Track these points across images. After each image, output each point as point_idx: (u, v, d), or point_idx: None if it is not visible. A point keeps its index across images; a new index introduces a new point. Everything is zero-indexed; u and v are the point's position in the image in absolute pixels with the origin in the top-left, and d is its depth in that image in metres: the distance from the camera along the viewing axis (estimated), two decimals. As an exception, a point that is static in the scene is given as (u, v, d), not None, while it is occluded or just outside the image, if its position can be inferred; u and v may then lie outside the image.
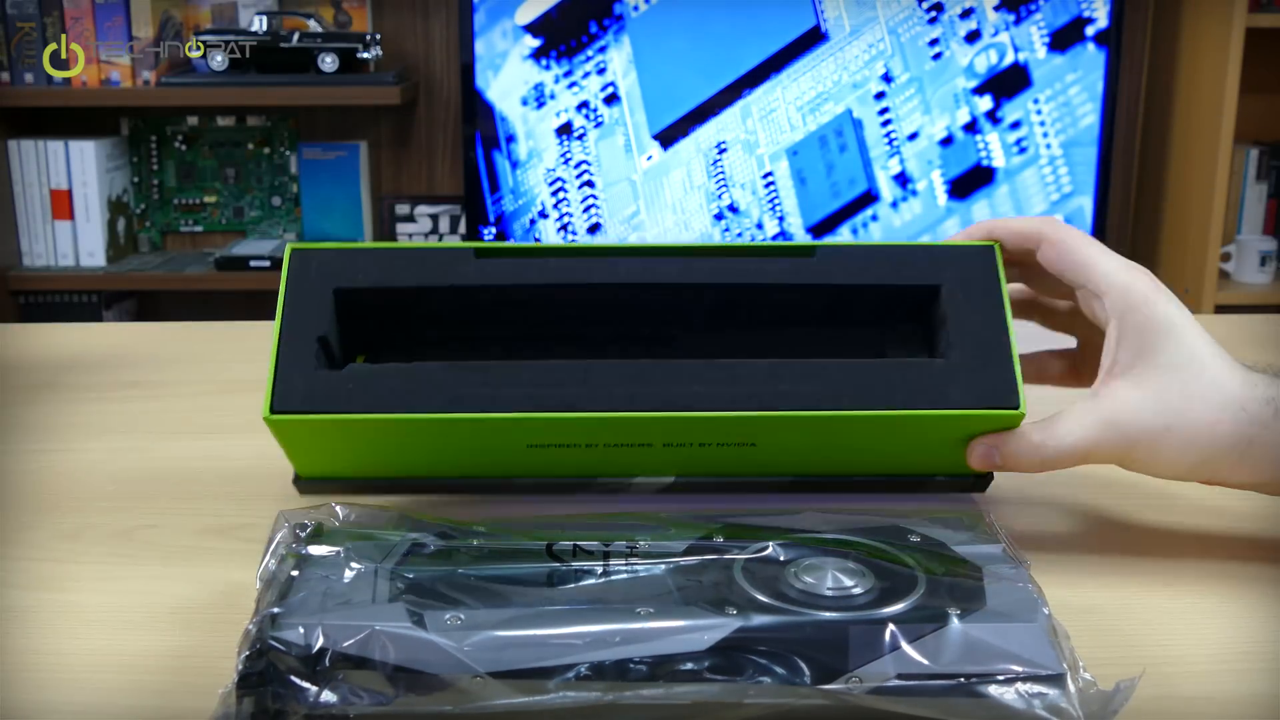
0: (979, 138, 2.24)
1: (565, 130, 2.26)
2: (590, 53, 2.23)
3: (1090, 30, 2.21)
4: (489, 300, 0.54)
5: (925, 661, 0.38)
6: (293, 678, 0.37)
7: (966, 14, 2.21)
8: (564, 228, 2.27)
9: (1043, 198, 2.25)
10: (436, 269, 0.53)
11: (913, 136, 2.24)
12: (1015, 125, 2.24)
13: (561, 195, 2.27)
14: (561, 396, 0.50)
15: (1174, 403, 0.50)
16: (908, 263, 0.54)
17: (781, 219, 2.26)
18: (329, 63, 2.24)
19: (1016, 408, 0.51)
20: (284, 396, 0.50)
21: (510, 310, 0.55)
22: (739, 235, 2.25)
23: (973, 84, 2.23)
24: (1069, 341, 0.60)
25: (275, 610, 0.39)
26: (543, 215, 2.28)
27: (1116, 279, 0.51)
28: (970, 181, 2.25)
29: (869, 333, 0.57)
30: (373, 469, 0.55)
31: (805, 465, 0.56)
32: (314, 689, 0.37)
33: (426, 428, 0.50)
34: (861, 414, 0.50)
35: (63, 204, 2.33)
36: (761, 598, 0.41)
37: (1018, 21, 2.21)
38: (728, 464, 0.55)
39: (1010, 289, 0.54)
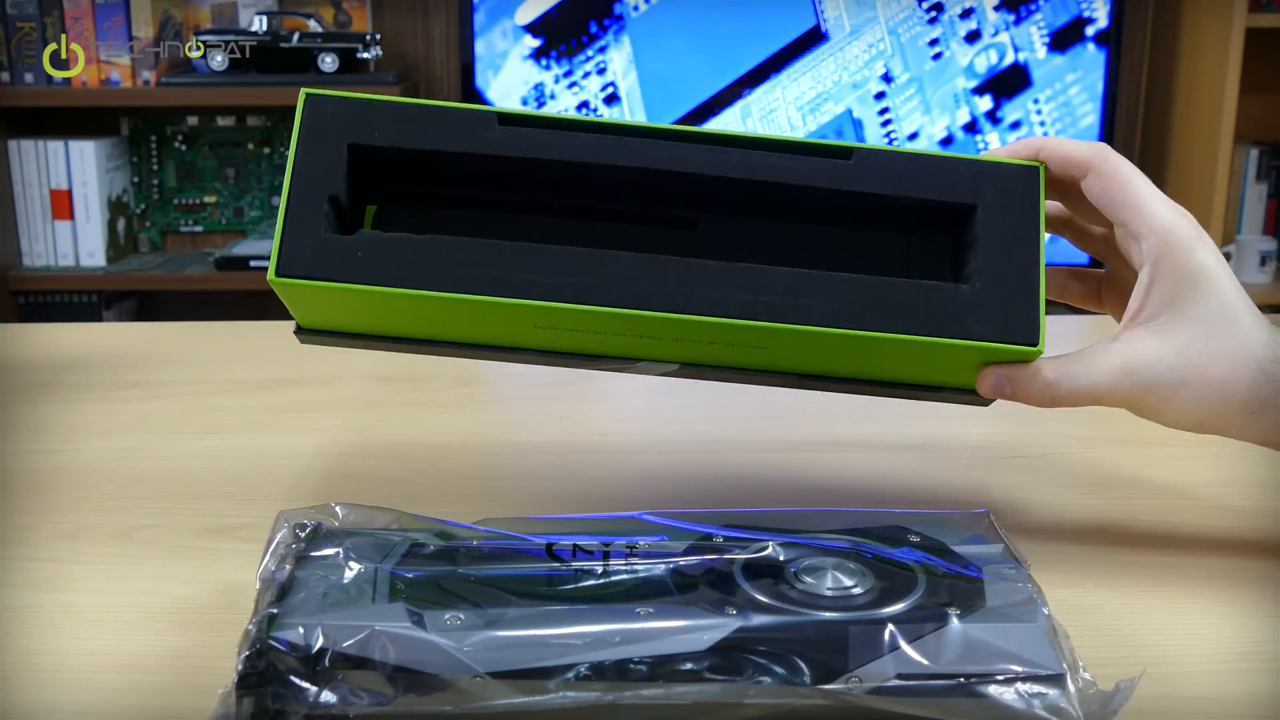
0: (979, 138, 2.24)
1: (565, 130, 2.26)
2: (590, 53, 2.23)
3: (1090, 30, 2.21)
4: (509, 171, 0.52)
5: (925, 661, 0.38)
6: (293, 678, 0.37)
7: (966, 14, 2.21)
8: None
9: (1043, 198, 2.25)
10: (457, 132, 0.51)
11: (913, 136, 2.24)
12: (1015, 125, 2.24)
13: (561, 195, 2.27)
14: (575, 288, 0.49)
15: (1194, 359, 0.50)
16: (946, 175, 0.51)
17: (781, 219, 2.26)
18: (329, 63, 2.24)
19: (1035, 345, 0.49)
20: (290, 260, 0.48)
21: (530, 182, 0.53)
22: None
23: (973, 84, 2.23)
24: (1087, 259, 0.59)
25: (275, 610, 0.39)
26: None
27: (1158, 223, 0.50)
28: (970, 181, 2.25)
29: (897, 239, 0.55)
30: (376, 329, 0.54)
31: (814, 369, 0.55)
32: (314, 689, 0.37)
33: (435, 304, 0.49)
34: (876, 336, 0.49)
35: (63, 204, 2.33)
36: (761, 598, 0.41)
37: (1018, 21, 2.21)
38: (736, 360, 0.54)
39: (1046, 204, 0.52)
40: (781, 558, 0.43)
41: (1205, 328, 0.50)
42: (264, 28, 2.24)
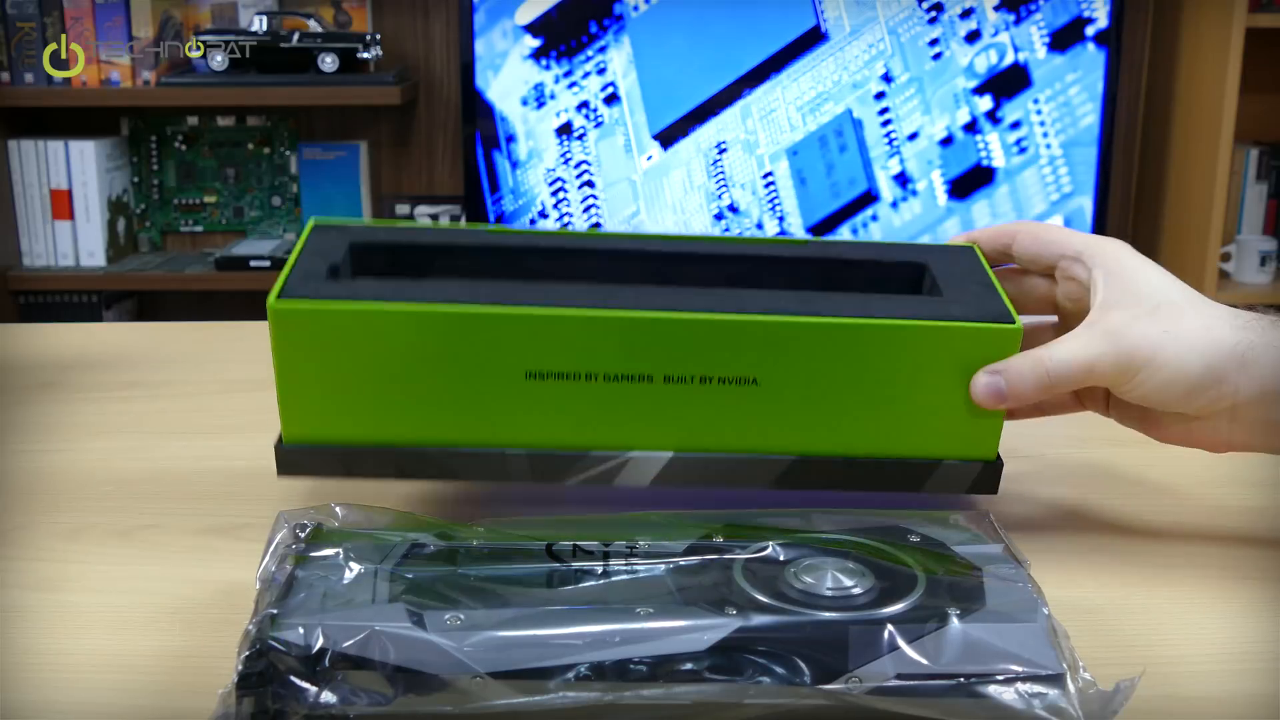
0: (979, 138, 2.24)
1: (565, 130, 2.26)
2: (590, 53, 2.23)
3: (1090, 30, 2.21)
4: (500, 256, 0.59)
5: (925, 661, 0.38)
6: (293, 678, 0.37)
7: (966, 14, 2.21)
8: (564, 228, 2.27)
9: (1043, 198, 2.25)
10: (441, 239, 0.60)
11: (913, 136, 2.24)
12: (1015, 125, 2.24)
13: (561, 195, 2.27)
14: (565, 302, 0.52)
15: (1168, 312, 0.52)
16: (895, 251, 0.60)
17: (781, 219, 2.26)
18: (329, 63, 2.24)
19: (1013, 323, 0.53)
20: (292, 289, 0.52)
21: (521, 264, 0.60)
22: (740, 233, 2.25)
23: (973, 84, 2.23)
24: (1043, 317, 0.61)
25: (275, 610, 0.39)
26: (543, 215, 2.28)
27: (1089, 238, 0.56)
28: (970, 181, 2.25)
29: (860, 297, 0.59)
30: (367, 412, 0.54)
31: (809, 411, 0.54)
32: (314, 689, 0.37)
33: (430, 331, 0.51)
34: (864, 322, 0.52)
35: (63, 204, 2.34)
36: (761, 598, 0.41)
37: (1018, 21, 2.21)
38: (728, 416, 0.54)
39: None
40: (781, 558, 0.43)
41: (1165, 296, 0.52)
42: (264, 28, 2.24)
